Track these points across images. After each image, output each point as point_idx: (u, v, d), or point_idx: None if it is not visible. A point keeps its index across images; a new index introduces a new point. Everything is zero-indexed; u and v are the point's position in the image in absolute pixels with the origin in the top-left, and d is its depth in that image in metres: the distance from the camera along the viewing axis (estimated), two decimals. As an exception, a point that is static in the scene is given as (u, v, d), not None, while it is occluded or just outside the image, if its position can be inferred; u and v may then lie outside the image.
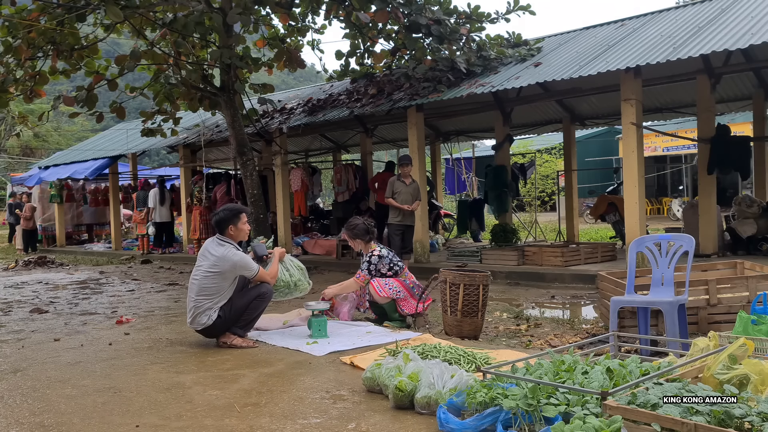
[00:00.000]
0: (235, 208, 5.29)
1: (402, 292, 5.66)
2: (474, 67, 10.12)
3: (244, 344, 4.93)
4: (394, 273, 5.76)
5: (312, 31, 11.32)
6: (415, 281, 5.82)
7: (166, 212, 15.15)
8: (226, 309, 4.90)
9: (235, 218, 5.12)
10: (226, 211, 5.20)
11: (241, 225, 5.14)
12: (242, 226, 5.15)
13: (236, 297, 5.00)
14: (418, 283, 5.80)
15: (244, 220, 5.18)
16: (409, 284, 5.74)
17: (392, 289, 5.63)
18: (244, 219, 5.19)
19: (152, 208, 15.03)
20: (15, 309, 7.50)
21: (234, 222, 5.11)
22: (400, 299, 5.65)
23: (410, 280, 5.79)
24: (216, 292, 4.90)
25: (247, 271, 5.00)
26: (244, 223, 5.17)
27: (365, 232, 5.85)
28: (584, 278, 8.40)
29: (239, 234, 5.15)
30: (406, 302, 5.66)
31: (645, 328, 4.67)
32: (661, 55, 7.67)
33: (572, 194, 13.56)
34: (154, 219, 15.17)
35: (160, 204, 14.95)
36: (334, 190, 14.87)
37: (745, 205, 9.72)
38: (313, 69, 39.62)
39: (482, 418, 2.71)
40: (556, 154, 25.67)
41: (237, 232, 5.14)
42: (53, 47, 9.33)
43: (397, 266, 5.79)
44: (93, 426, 3.24)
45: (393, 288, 5.64)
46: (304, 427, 3.11)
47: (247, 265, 5.00)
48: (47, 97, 12.24)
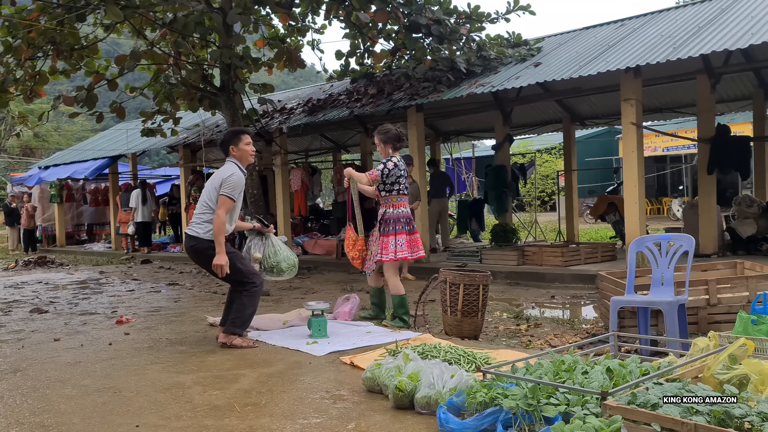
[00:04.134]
0: (236, 129, 5.41)
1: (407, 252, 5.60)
2: (474, 67, 10.12)
3: (244, 344, 4.93)
4: (397, 191, 5.63)
5: (312, 31, 11.32)
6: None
7: (147, 212, 15.61)
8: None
9: (235, 138, 5.15)
10: (228, 133, 5.31)
11: (242, 145, 5.13)
12: (244, 146, 5.13)
13: (234, 257, 5.00)
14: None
15: (246, 141, 5.16)
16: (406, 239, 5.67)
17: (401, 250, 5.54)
18: (246, 140, 5.18)
19: (134, 208, 15.45)
20: (15, 309, 7.50)
21: (235, 142, 5.12)
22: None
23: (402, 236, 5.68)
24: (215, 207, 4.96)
25: (225, 188, 4.90)
26: (247, 144, 5.15)
27: (397, 139, 5.72)
28: (584, 278, 8.40)
29: (242, 155, 5.13)
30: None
31: (645, 328, 4.67)
32: (661, 55, 7.67)
33: (572, 194, 13.56)
34: (136, 219, 15.57)
35: (142, 204, 15.40)
36: (334, 190, 14.89)
37: (745, 205, 9.72)
38: (313, 69, 39.61)
39: (482, 418, 2.71)
40: (556, 154, 25.67)
41: (239, 152, 5.13)
42: (53, 47, 9.32)
43: (398, 185, 5.66)
44: (93, 426, 3.24)
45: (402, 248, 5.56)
46: (304, 427, 3.11)
47: (231, 187, 4.92)
48: (47, 97, 12.24)
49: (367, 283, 6.16)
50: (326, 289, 8.57)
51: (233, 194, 4.95)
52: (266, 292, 8.22)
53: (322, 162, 18.52)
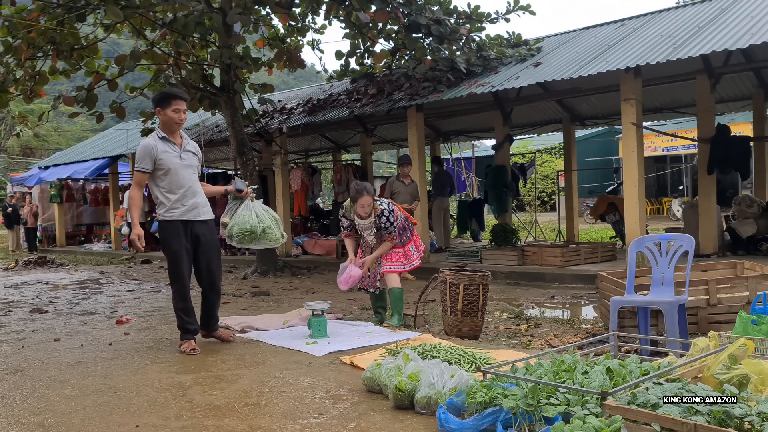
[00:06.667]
0: (169, 91, 4.87)
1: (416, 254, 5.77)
2: (474, 67, 10.12)
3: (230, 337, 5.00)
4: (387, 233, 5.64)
5: (312, 31, 11.33)
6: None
7: (141, 213, 15.57)
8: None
9: (163, 101, 4.68)
10: (158, 93, 4.86)
11: (169, 111, 4.64)
12: (170, 113, 4.64)
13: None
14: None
15: (174, 107, 4.64)
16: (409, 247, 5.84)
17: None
18: (176, 105, 4.65)
19: (125, 208, 15.52)
20: (15, 309, 7.50)
21: (162, 105, 4.68)
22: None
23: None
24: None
25: (135, 163, 4.70)
26: (175, 111, 4.65)
27: (356, 192, 5.48)
28: (584, 278, 8.40)
29: (166, 120, 4.67)
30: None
31: (645, 328, 4.67)
32: (661, 55, 7.67)
33: (572, 194, 13.56)
34: (128, 219, 15.59)
35: None
36: (334, 190, 14.88)
37: (745, 205, 9.72)
38: (313, 69, 39.56)
39: (482, 418, 2.71)
40: (556, 154, 25.67)
41: (163, 116, 4.69)
42: (53, 47, 9.33)
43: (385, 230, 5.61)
44: (93, 426, 3.24)
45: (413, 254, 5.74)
46: (304, 427, 3.11)
47: (136, 159, 4.65)
48: (47, 97, 12.25)
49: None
50: (326, 289, 8.57)
51: (138, 167, 4.62)
52: (266, 292, 8.23)
53: (322, 162, 18.51)
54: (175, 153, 4.74)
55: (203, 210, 4.84)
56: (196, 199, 4.80)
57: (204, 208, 4.86)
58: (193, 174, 4.85)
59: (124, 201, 15.78)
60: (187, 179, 4.76)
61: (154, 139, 4.68)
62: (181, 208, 4.72)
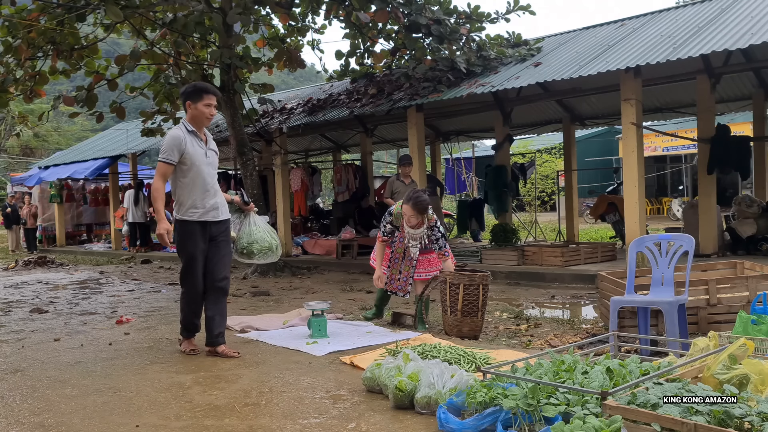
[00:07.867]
0: (202, 85, 4.66)
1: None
2: (474, 67, 10.12)
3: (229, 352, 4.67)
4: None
5: (312, 31, 11.33)
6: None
7: (141, 213, 15.74)
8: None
9: (195, 95, 4.51)
10: (189, 86, 4.66)
11: (200, 105, 4.48)
12: (202, 107, 4.47)
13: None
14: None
15: (205, 101, 4.49)
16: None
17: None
18: (208, 100, 4.50)
19: (126, 208, 15.66)
20: (15, 309, 7.50)
21: (193, 98, 4.51)
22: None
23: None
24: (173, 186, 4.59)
25: (161, 153, 4.46)
26: (206, 105, 4.49)
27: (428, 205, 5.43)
28: (584, 278, 8.40)
29: (196, 114, 4.51)
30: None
31: (645, 328, 4.67)
32: (661, 55, 7.67)
33: (572, 194, 13.56)
34: (128, 219, 15.78)
35: (134, 205, 15.56)
36: (334, 190, 14.88)
37: (745, 205, 9.72)
38: (313, 69, 39.60)
39: (482, 418, 2.71)
40: (556, 154, 25.67)
41: (193, 110, 4.51)
42: (53, 47, 9.33)
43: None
44: (93, 426, 3.24)
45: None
46: (304, 427, 3.11)
47: (162, 150, 4.43)
48: (47, 97, 12.26)
49: (368, 283, 6.15)
50: (326, 289, 8.57)
51: (164, 157, 4.40)
52: (266, 292, 8.23)
53: (322, 162, 18.52)
54: (202, 150, 4.58)
55: (222, 210, 4.73)
56: (216, 199, 4.68)
57: (222, 209, 4.74)
58: (214, 173, 4.73)
59: (125, 201, 15.79)
60: (210, 178, 4.65)
61: (183, 131, 4.49)
62: (201, 210, 4.55)
